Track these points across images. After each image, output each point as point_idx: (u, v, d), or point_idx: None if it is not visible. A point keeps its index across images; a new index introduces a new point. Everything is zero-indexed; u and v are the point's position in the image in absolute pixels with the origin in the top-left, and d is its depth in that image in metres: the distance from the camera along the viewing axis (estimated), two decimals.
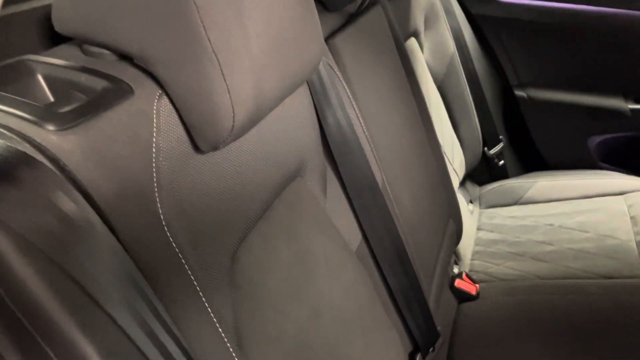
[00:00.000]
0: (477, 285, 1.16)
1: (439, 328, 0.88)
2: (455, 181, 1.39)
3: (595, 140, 1.49)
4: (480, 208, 1.50)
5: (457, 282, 1.14)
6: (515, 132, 1.57)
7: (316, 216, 0.68)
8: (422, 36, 1.40)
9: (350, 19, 0.91)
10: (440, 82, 1.44)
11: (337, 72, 0.78)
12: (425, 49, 1.41)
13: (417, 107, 1.06)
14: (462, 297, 1.13)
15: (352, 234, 0.75)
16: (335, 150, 0.72)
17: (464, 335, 1.04)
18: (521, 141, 1.57)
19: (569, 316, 1.02)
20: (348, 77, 0.79)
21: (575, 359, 0.92)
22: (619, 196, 1.36)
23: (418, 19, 1.35)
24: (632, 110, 1.41)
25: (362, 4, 0.93)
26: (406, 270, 0.81)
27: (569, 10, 1.42)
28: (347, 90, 0.77)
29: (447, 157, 1.35)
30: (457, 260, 1.26)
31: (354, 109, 0.77)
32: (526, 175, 1.54)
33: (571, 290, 1.08)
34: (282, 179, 0.63)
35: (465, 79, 1.47)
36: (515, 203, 1.47)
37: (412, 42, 1.33)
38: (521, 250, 1.27)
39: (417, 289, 0.83)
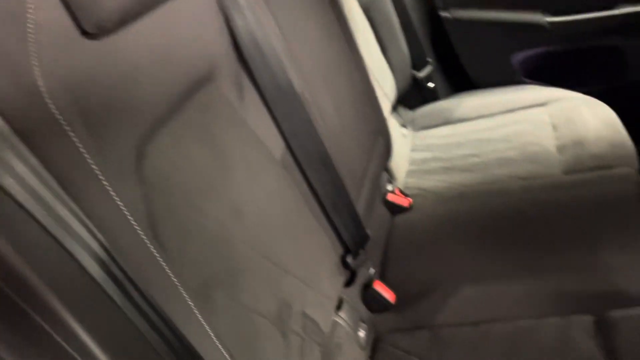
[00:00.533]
0: (410, 199, 1.21)
1: (368, 231, 0.91)
2: (387, 105, 1.42)
3: (518, 56, 1.54)
4: (414, 131, 1.54)
5: (390, 196, 1.18)
6: (442, 54, 1.60)
7: (232, 121, 0.68)
8: None
9: None
10: (366, 6, 1.44)
11: None
12: None
13: (339, 24, 1.06)
14: (396, 209, 1.17)
15: (274, 142, 0.75)
16: (247, 55, 0.72)
17: (398, 241, 1.08)
18: (449, 62, 1.61)
19: (494, 215, 1.08)
20: None
21: (500, 253, 0.98)
22: (541, 107, 1.42)
23: None
24: (551, 23, 1.45)
25: None
26: (332, 177, 0.83)
27: None
28: None
29: (377, 80, 1.36)
30: (391, 179, 1.30)
31: (267, 13, 0.76)
32: (455, 95, 1.58)
33: (496, 193, 1.14)
34: (191, 82, 0.62)
35: (391, 3, 1.47)
36: (446, 123, 1.51)
37: None
38: (451, 165, 1.32)
39: (344, 195, 0.86)
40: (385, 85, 1.41)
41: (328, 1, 1.04)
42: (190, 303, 0.53)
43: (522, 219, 1.04)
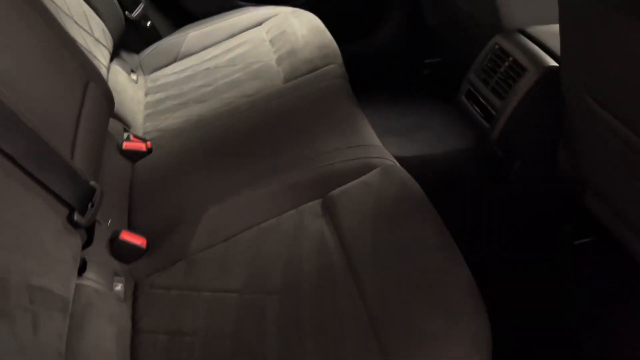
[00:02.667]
0: (149, 142, 1.17)
1: (93, 184, 0.86)
2: (104, 52, 1.33)
3: None
4: (144, 75, 1.48)
5: (126, 145, 1.13)
6: None
7: None
8: None
9: None
10: None
11: None
12: None
13: None
14: (135, 156, 1.13)
15: None
16: None
17: (141, 186, 1.05)
18: None
19: (227, 135, 1.11)
20: None
21: (236, 167, 1.02)
22: (259, 26, 1.48)
23: None
24: None
25: None
26: (25, 135, 0.75)
27: None
28: None
29: (82, 27, 1.26)
30: (127, 128, 1.24)
31: None
32: (178, 31, 1.55)
33: (227, 114, 1.17)
34: None
35: None
36: (175, 60, 1.48)
37: None
38: (185, 99, 1.31)
39: (49, 152, 0.78)
40: (95, 32, 1.31)
41: None
42: None
43: (252, 131, 1.09)
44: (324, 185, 0.93)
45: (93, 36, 1.29)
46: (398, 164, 0.93)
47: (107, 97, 1.09)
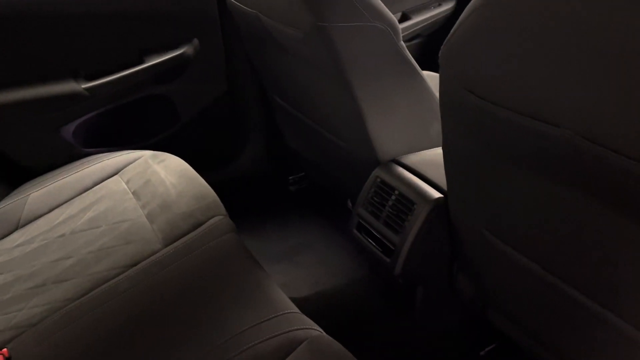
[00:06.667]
0: (5, 349, 0.94)
1: None
2: None
3: (68, 129, 1.40)
4: None
5: None
6: None
7: None
8: None
9: None
10: None
11: None
12: None
13: None
14: None
15: None
16: None
17: None
18: None
19: (107, 328, 0.94)
20: None
21: None
22: (115, 176, 1.33)
23: None
24: (88, 89, 1.36)
25: None
26: None
27: None
28: None
29: None
30: None
31: None
32: (14, 192, 1.33)
33: (104, 299, 1.00)
34: None
35: None
36: (16, 228, 1.25)
37: None
38: (41, 280, 1.09)
39: None
40: None
41: None
42: None
43: (139, 320, 0.93)
44: None
45: None
46: (324, 332, 0.87)
47: None
